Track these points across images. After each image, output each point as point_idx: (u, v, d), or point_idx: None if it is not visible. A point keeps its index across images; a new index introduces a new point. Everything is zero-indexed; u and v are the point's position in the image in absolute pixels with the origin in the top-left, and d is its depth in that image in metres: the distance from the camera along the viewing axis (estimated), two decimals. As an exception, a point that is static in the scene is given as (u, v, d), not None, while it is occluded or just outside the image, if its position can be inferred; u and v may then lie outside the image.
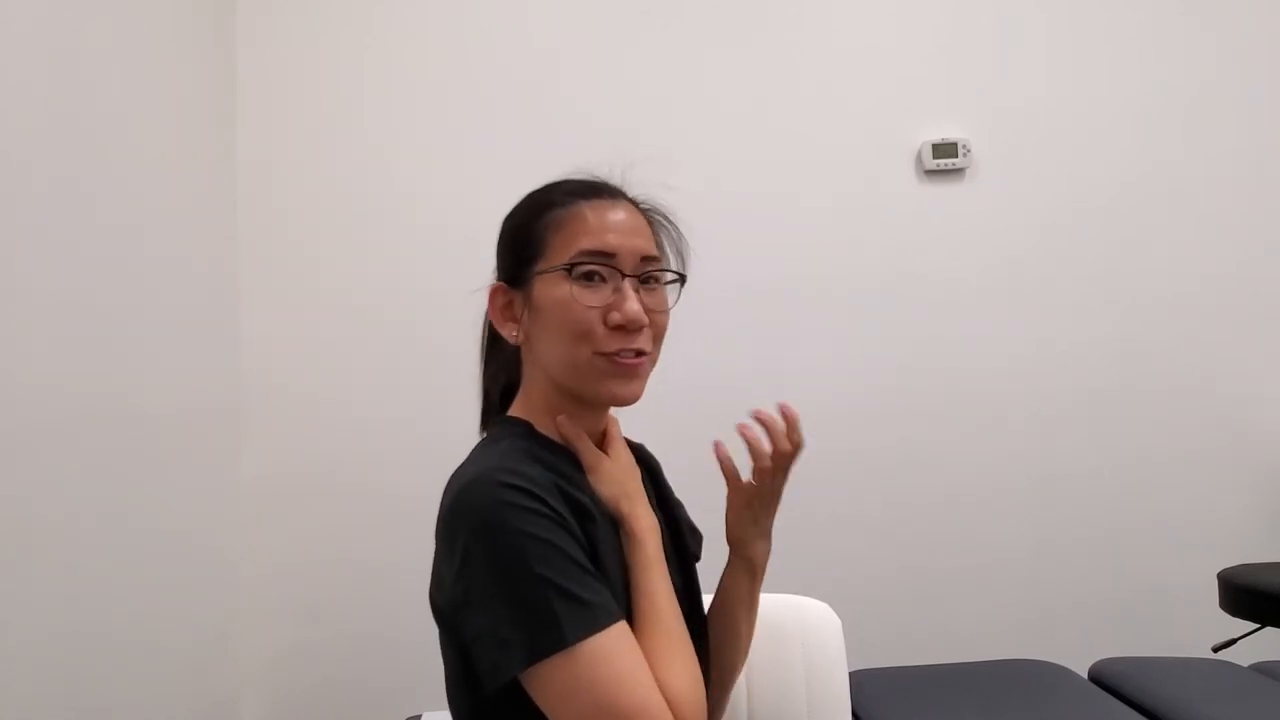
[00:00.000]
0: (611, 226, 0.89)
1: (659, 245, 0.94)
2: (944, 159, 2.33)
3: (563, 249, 0.88)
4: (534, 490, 0.79)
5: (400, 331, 2.25)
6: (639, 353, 0.88)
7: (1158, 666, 1.66)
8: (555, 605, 0.74)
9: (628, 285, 0.87)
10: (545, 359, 0.91)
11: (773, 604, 1.27)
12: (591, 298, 0.86)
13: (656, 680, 0.76)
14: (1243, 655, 1.75)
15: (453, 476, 0.86)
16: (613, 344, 0.87)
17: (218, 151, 2.20)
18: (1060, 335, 2.35)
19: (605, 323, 0.86)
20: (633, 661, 0.76)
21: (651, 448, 1.15)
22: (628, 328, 0.87)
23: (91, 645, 1.63)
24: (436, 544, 0.84)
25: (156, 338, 1.88)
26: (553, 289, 0.88)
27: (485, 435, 0.97)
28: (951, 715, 1.53)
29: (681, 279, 0.95)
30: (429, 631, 0.86)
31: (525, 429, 0.92)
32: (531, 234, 0.91)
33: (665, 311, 0.91)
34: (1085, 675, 1.71)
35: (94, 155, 1.70)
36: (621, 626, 0.77)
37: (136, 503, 1.79)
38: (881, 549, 2.31)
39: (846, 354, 2.32)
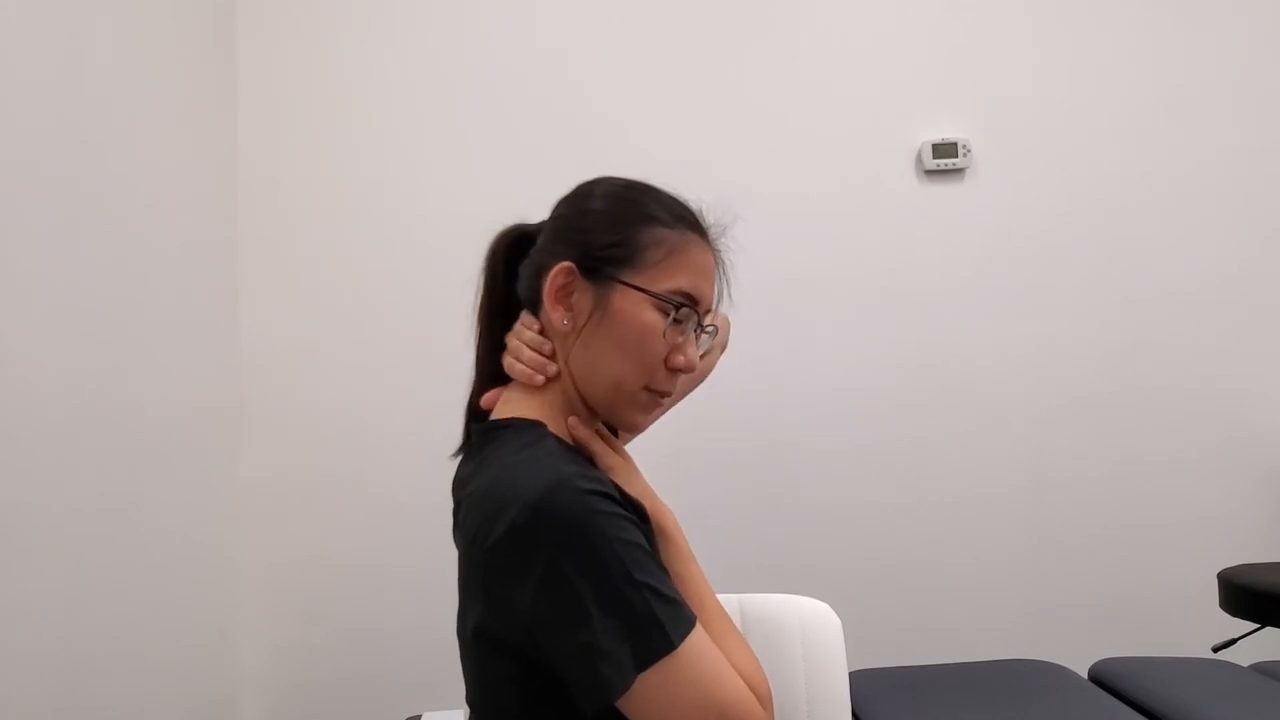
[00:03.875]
0: (706, 274, 0.91)
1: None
2: (944, 159, 2.33)
3: (663, 277, 0.87)
4: (612, 494, 0.78)
5: (401, 331, 2.26)
6: (671, 394, 0.92)
7: (1158, 666, 1.66)
8: (655, 609, 0.74)
9: (693, 334, 0.91)
10: (591, 365, 0.88)
11: (773, 604, 1.27)
12: (674, 336, 0.88)
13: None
14: (1243, 655, 1.75)
15: (495, 489, 0.80)
16: (666, 384, 0.90)
17: (218, 151, 2.20)
18: (1061, 335, 2.35)
19: (666, 362, 0.88)
20: (717, 653, 0.77)
21: (649, 446, 1.15)
22: (683, 373, 0.90)
23: (91, 645, 1.63)
24: (492, 563, 0.78)
25: (156, 338, 1.88)
26: (641, 310, 0.87)
27: (493, 439, 0.89)
28: (951, 715, 1.53)
29: (715, 332, 0.98)
30: (429, 631, 0.86)
31: (545, 431, 0.87)
32: (630, 237, 0.88)
33: None
34: (1085, 675, 1.71)
35: (94, 155, 1.70)
36: (698, 622, 0.78)
37: (136, 502, 1.79)
38: (882, 548, 2.31)
39: (846, 354, 2.32)
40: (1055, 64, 2.39)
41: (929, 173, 2.35)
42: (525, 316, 0.95)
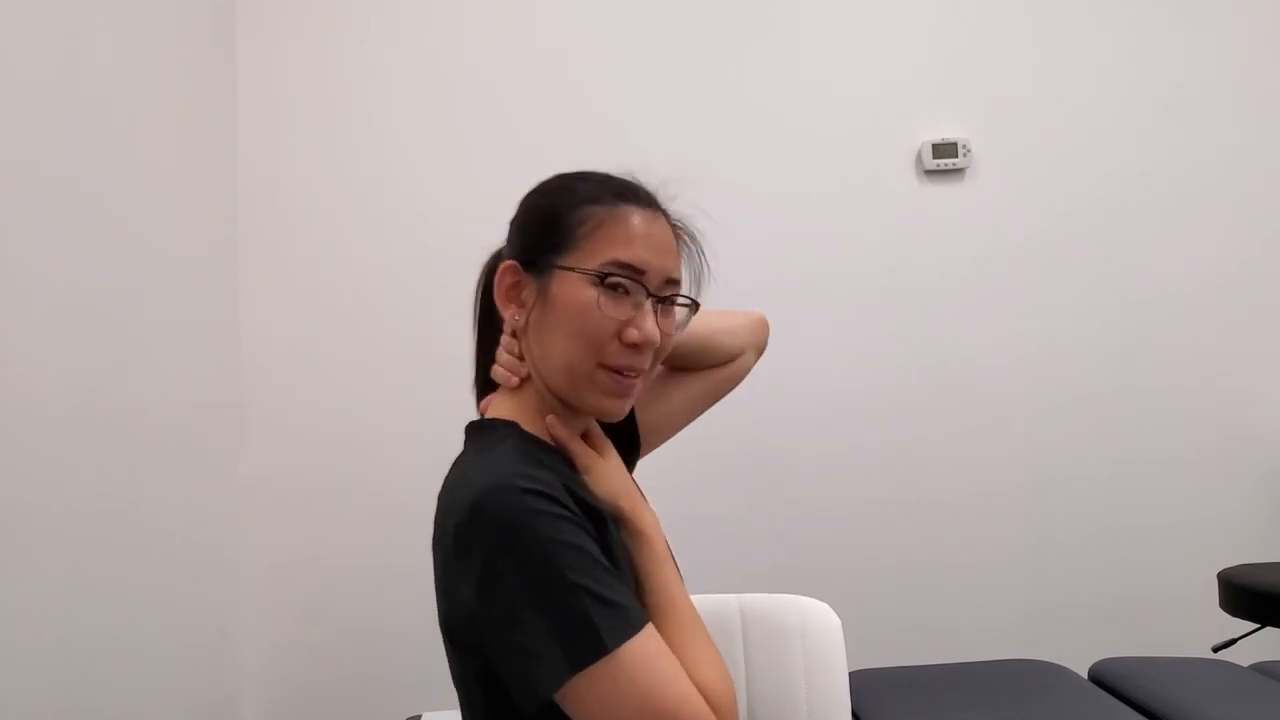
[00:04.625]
0: (647, 241, 0.87)
1: (681, 267, 0.92)
2: (944, 159, 2.33)
3: (594, 251, 0.85)
4: (554, 494, 0.77)
5: (400, 331, 2.26)
6: (638, 372, 0.87)
7: (1158, 666, 1.66)
8: (591, 612, 0.73)
9: (649, 305, 0.86)
10: (545, 355, 0.88)
11: (773, 604, 1.27)
12: (615, 309, 0.84)
13: (687, 673, 0.76)
14: (1243, 655, 1.75)
15: (452, 488, 0.84)
16: (621, 359, 0.85)
17: (218, 151, 2.20)
18: (1060, 334, 2.35)
19: (620, 337, 0.85)
20: (668, 660, 0.76)
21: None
22: (641, 347, 0.86)
23: (91, 645, 1.63)
24: (444, 561, 0.81)
25: (156, 338, 1.88)
26: (575, 289, 0.85)
27: (470, 441, 0.93)
28: (951, 715, 1.53)
29: (695, 306, 0.93)
30: (429, 631, 0.86)
31: (513, 430, 0.89)
32: (561, 222, 0.87)
33: (671, 334, 0.90)
34: (1085, 675, 1.71)
35: (94, 155, 1.70)
36: (651, 627, 0.77)
37: (136, 503, 1.79)
38: (882, 548, 2.31)
39: (846, 354, 2.32)
40: (1055, 64, 2.39)
41: (929, 173, 2.35)
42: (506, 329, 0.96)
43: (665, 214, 0.92)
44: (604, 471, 0.91)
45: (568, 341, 0.85)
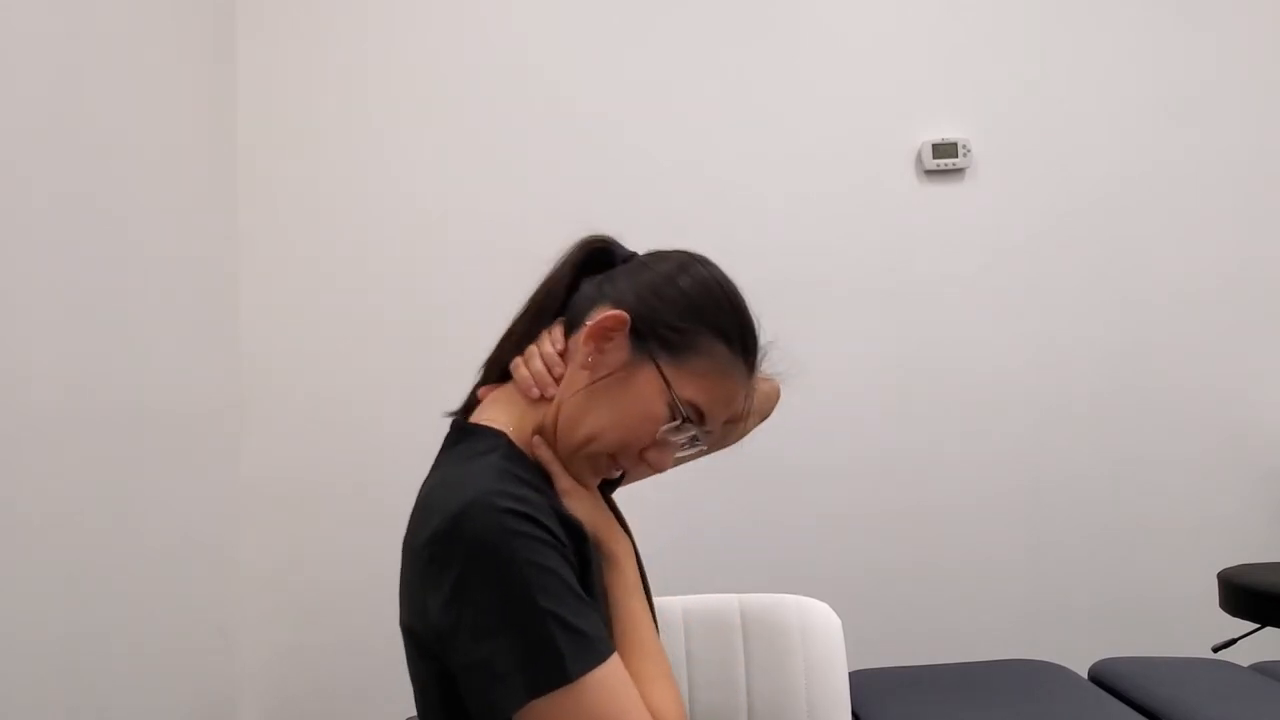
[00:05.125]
0: (730, 404, 0.90)
1: None
2: (944, 159, 2.33)
3: (693, 382, 0.86)
4: (535, 515, 0.77)
5: (400, 332, 2.25)
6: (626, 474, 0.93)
7: (1158, 666, 1.66)
8: (557, 638, 0.73)
9: (680, 444, 0.90)
10: (581, 409, 0.87)
11: (773, 604, 1.27)
12: (666, 435, 0.87)
13: (645, 705, 0.76)
14: (1243, 655, 1.75)
15: (432, 494, 0.85)
16: (629, 466, 0.90)
17: (218, 151, 2.20)
18: (1060, 335, 2.35)
19: (642, 450, 0.88)
20: (629, 692, 0.76)
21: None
22: (649, 467, 0.90)
23: (91, 645, 1.63)
24: (416, 566, 0.82)
25: (156, 338, 1.88)
26: (653, 397, 0.85)
27: (458, 442, 0.91)
28: (951, 715, 1.53)
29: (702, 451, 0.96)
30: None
31: (501, 441, 0.88)
32: (689, 334, 0.87)
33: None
34: (1085, 675, 1.70)
35: (94, 155, 1.70)
36: (616, 657, 0.77)
37: (136, 502, 1.79)
38: (882, 549, 2.30)
39: (846, 353, 2.32)
40: (1055, 64, 2.39)
41: (929, 173, 2.35)
42: (557, 329, 0.93)
43: (753, 384, 0.94)
44: (581, 498, 0.90)
45: (609, 424, 0.86)
